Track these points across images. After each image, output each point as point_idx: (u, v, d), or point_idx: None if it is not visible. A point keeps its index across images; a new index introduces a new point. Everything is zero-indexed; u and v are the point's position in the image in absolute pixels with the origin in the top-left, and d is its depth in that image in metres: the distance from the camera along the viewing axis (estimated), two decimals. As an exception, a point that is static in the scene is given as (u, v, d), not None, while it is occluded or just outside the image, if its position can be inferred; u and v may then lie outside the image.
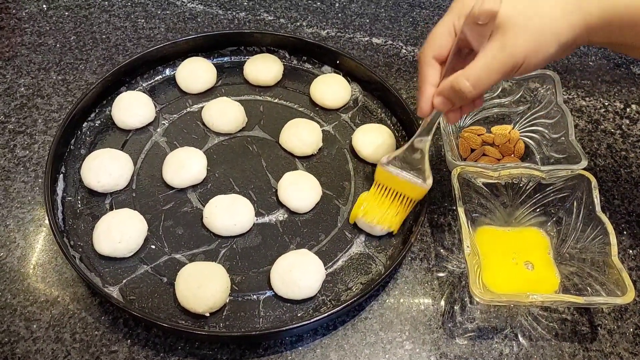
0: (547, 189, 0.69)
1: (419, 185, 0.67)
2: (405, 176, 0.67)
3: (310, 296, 0.64)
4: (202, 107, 0.81)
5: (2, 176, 0.74)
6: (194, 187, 0.73)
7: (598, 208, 0.65)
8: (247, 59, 0.87)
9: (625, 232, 0.73)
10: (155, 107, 0.81)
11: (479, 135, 0.79)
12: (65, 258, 0.62)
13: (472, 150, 0.78)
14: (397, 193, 0.68)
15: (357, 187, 0.75)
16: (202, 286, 0.61)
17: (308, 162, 0.77)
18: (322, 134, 0.78)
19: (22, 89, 0.85)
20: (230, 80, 0.86)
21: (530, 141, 0.79)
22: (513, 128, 0.80)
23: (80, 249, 0.66)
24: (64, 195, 0.71)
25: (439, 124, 0.66)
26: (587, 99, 0.90)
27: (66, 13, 0.98)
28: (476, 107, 0.62)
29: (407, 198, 0.68)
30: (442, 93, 0.57)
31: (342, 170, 0.76)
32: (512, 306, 0.65)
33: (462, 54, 0.57)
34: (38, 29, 0.95)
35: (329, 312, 0.59)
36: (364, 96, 0.85)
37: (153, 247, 0.67)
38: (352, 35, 0.97)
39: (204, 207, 0.70)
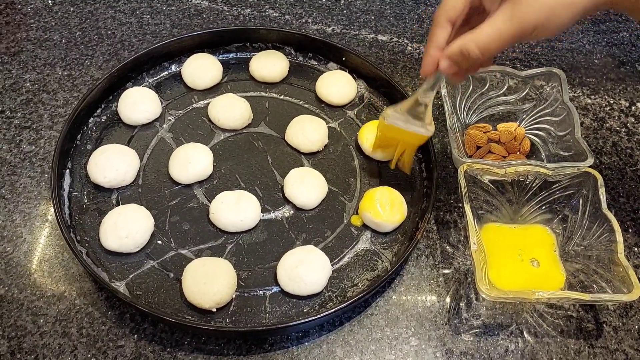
0: (553, 186, 0.69)
1: (422, 133, 0.68)
2: (409, 127, 0.68)
3: (316, 292, 0.64)
4: (208, 103, 0.81)
5: (8, 171, 0.74)
6: (200, 183, 0.73)
7: (604, 205, 0.65)
8: (253, 55, 0.87)
9: (630, 230, 0.73)
10: (161, 103, 0.81)
11: (484, 132, 0.79)
12: (72, 253, 0.62)
13: (478, 148, 0.78)
14: (399, 142, 0.70)
15: (362, 184, 0.75)
16: (209, 282, 0.61)
17: (314, 158, 0.77)
18: (328, 130, 0.79)
19: (28, 84, 0.85)
20: (235, 76, 0.86)
21: (536, 139, 0.79)
22: (519, 125, 0.80)
23: (86, 244, 0.66)
24: (71, 190, 0.71)
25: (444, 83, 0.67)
26: (592, 96, 0.90)
27: (71, 9, 0.98)
28: (484, 67, 0.62)
29: (410, 145, 0.70)
30: (450, 57, 0.57)
31: (347, 167, 0.77)
32: (518, 303, 0.65)
33: (473, 17, 0.57)
34: (44, 25, 0.95)
35: (335, 308, 0.59)
36: (370, 93, 0.85)
37: (159, 242, 0.68)
38: (357, 32, 0.97)
39: (210, 203, 0.70)
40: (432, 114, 0.67)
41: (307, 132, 0.76)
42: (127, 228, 0.65)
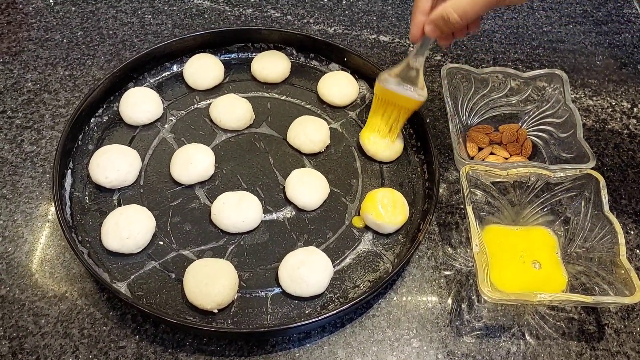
0: (555, 188, 0.69)
1: (416, 98, 0.72)
2: (403, 91, 0.72)
3: (318, 293, 0.64)
4: (209, 104, 0.81)
5: (9, 171, 0.74)
6: (201, 183, 0.73)
7: (606, 207, 0.65)
8: (255, 55, 0.87)
9: (632, 232, 0.73)
10: (163, 103, 0.81)
11: (486, 134, 0.79)
12: (74, 253, 0.62)
13: (480, 149, 0.78)
14: (394, 106, 0.74)
15: (364, 185, 0.75)
16: (210, 283, 0.61)
17: (315, 159, 0.77)
18: (330, 131, 0.78)
19: (30, 84, 0.85)
20: (237, 76, 0.86)
21: (538, 140, 0.79)
22: (521, 127, 0.80)
23: (88, 245, 0.66)
24: (72, 190, 0.71)
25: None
26: (594, 98, 0.90)
27: (73, 8, 0.98)
28: (471, 31, 0.65)
29: (404, 109, 0.74)
30: (432, 22, 0.62)
31: (349, 168, 0.76)
32: (520, 305, 0.65)
33: None
34: (45, 24, 0.95)
35: (337, 310, 0.59)
36: (372, 94, 0.85)
37: (161, 243, 0.68)
38: (359, 33, 0.97)
39: (211, 203, 0.70)
40: (424, 80, 0.71)
41: (309, 132, 0.76)
42: (128, 229, 0.65)
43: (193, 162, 0.72)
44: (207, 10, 0.99)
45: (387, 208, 0.68)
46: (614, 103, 0.89)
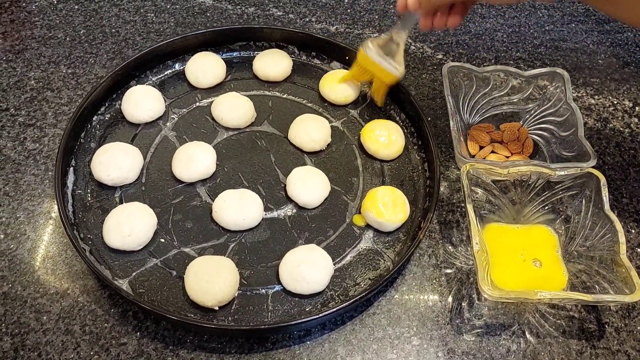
0: (556, 186, 0.69)
1: (393, 72, 0.75)
2: (383, 62, 0.75)
3: (318, 291, 0.64)
4: (211, 102, 0.81)
5: (12, 169, 0.75)
6: (203, 181, 0.73)
7: (607, 206, 0.65)
8: (257, 54, 0.87)
9: (633, 231, 0.73)
10: (165, 101, 0.81)
11: (487, 132, 0.79)
12: (76, 250, 0.62)
13: (481, 148, 0.78)
14: (371, 76, 0.78)
15: (365, 183, 0.75)
16: (211, 280, 0.61)
17: (317, 157, 0.77)
18: (331, 129, 0.79)
19: (32, 82, 0.85)
20: (239, 75, 0.86)
21: (539, 139, 0.79)
22: (522, 125, 0.80)
23: (90, 242, 0.67)
24: (74, 188, 0.71)
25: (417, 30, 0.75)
26: (596, 97, 0.89)
27: (76, 7, 0.98)
28: (449, 25, 0.68)
29: (380, 82, 0.78)
30: None
31: (350, 166, 0.77)
32: (520, 303, 0.65)
33: None
34: (48, 23, 0.95)
35: (337, 307, 0.59)
36: (372, 92, 0.85)
37: (162, 240, 0.68)
38: (361, 31, 0.97)
39: (213, 201, 0.70)
40: (403, 58, 0.75)
41: (310, 131, 0.76)
42: (130, 226, 0.65)
43: (195, 160, 0.72)
44: (209, 8, 0.99)
45: (387, 206, 0.68)
46: (615, 102, 0.89)
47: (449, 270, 0.68)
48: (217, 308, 0.62)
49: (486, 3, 0.74)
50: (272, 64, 0.85)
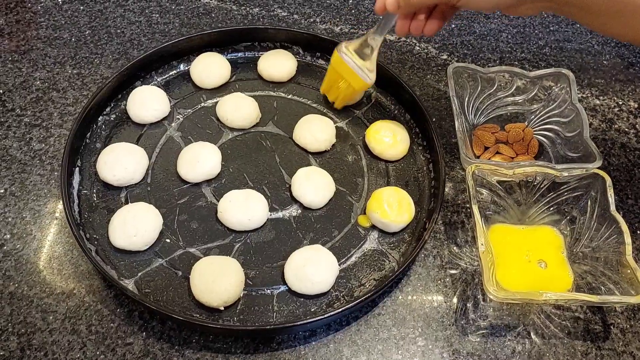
0: (561, 187, 0.69)
1: (363, 78, 0.74)
2: (354, 67, 0.74)
3: (323, 291, 0.64)
4: (216, 102, 0.81)
5: (18, 169, 0.75)
6: (208, 181, 0.73)
7: (612, 207, 0.65)
8: (261, 54, 0.87)
9: (639, 232, 0.73)
10: (170, 101, 0.81)
11: (493, 133, 0.79)
12: (82, 250, 0.63)
13: (486, 149, 0.78)
14: (343, 80, 0.76)
15: (370, 184, 0.75)
16: (217, 280, 0.61)
17: (321, 158, 0.77)
18: (336, 130, 0.79)
19: (38, 82, 0.86)
20: (244, 75, 0.86)
21: (545, 139, 0.79)
22: (527, 126, 0.80)
23: (96, 242, 0.67)
24: (80, 188, 0.71)
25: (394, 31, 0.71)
26: (601, 97, 0.89)
27: (81, 7, 0.98)
28: (425, 33, 0.68)
29: (350, 87, 0.76)
30: None
31: (355, 167, 0.77)
32: (525, 304, 0.65)
33: None
34: (53, 23, 0.95)
35: (343, 308, 0.59)
36: (378, 93, 0.85)
37: (168, 240, 0.68)
38: (365, 32, 0.97)
39: (218, 201, 0.70)
40: (376, 64, 0.74)
41: (315, 131, 0.76)
42: (136, 226, 0.65)
43: (200, 161, 0.72)
44: (214, 9, 1.00)
45: (392, 207, 0.68)
46: (620, 103, 0.89)
47: (454, 271, 0.68)
48: (222, 308, 0.62)
49: (465, 10, 0.73)
50: (277, 64, 0.85)
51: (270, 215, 0.71)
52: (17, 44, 0.91)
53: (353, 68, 0.74)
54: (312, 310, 0.63)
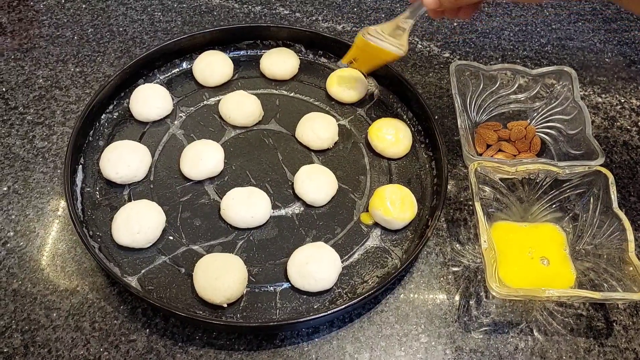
0: (564, 185, 0.69)
1: (394, 51, 0.73)
2: (383, 45, 0.73)
3: (326, 288, 0.64)
4: (218, 100, 0.82)
5: (21, 167, 0.75)
6: (211, 179, 0.74)
7: (615, 204, 0.65)
8: (263, 52, 0.87)
9: (641, 229, 0.73)
10: (173, 99, 0.81)
11: (495, 130, 0.79)
12: (85, 248, 0.63)
13: (489, 146, 0.78)
14: (371, 57, 0.75)
15: (373, 181, 0.75)
16: (220, 277, 0.61)
17: (324, 155, 0.77)
18: (338, 128, 0.79)
19: (41, 80, 0.86)
20: (246, 73, 0.87)
21: (547, 137, 0.79)
22: (529, 124, 0.80)
23: (99, 239, 0.67)
24: (83, 186, 0.72)
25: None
26: (603, 95, 0.89)
27: (83, 5, 0.99)
28: (460, 16, 0.67)
29: (379, 59, 0.76)
30: None
31: (357, 164, 0.77)
32: (528, 301, 0.66)
33: None
34: (56, 21, 0.95)
35: (345, 305, 0.60)
36: (380, 91, 0.85)
37: (171, 238, 0.68)
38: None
39: (221, 199, 0.71)
40: (407, 40, 0.73)
41: (318, 129, 0.76)
42: (139, 224, 0.65)
43: (203, 158, 0.72)
44: (216, 7, 1.00)
45: (395, 204, 0.68)
46: (623, 100, 0.89)
47: (456, 268, 0.68)
48: (225, 305, 0.62)
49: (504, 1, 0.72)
50: (279, 62, 0.85)
51: (273, 212, 0.71)
52: (19, 42, 0.92)
53: (383, 46, 0.73)
54: (315, 307, 0.63)
